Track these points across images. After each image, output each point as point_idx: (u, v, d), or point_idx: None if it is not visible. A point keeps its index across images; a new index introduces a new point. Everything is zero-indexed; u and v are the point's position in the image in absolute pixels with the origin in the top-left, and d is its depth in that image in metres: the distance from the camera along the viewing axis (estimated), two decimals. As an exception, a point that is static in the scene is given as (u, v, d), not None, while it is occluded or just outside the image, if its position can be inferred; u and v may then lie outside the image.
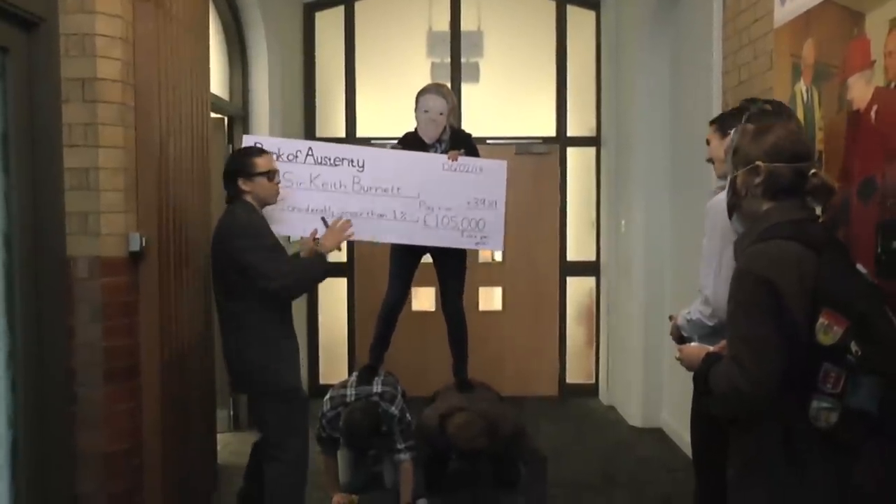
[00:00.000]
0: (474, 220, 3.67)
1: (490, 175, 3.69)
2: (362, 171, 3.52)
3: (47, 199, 2.69)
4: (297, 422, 3.10)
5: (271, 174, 3.08)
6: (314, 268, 3.16)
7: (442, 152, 3.75)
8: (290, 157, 3.41)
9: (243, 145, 3.35)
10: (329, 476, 3.91)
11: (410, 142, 3.80)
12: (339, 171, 3.49)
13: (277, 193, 3.16)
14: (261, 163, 3.06)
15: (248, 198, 3.04)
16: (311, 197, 3.44)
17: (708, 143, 2.78)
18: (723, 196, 2.63)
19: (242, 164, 3.04)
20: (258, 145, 3.31)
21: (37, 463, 2.67)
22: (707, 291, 2.64)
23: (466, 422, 3.49)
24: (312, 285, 3.13)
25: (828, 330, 1.80)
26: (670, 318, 2.95)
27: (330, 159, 3.49)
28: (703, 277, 2.66)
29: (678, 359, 2.17)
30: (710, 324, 2.65)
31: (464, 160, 3.66)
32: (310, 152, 3.45)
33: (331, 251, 3.25)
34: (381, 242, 3.78)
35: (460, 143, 3.77)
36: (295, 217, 3.42)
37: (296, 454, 3.10)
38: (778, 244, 1.87)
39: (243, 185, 3.01)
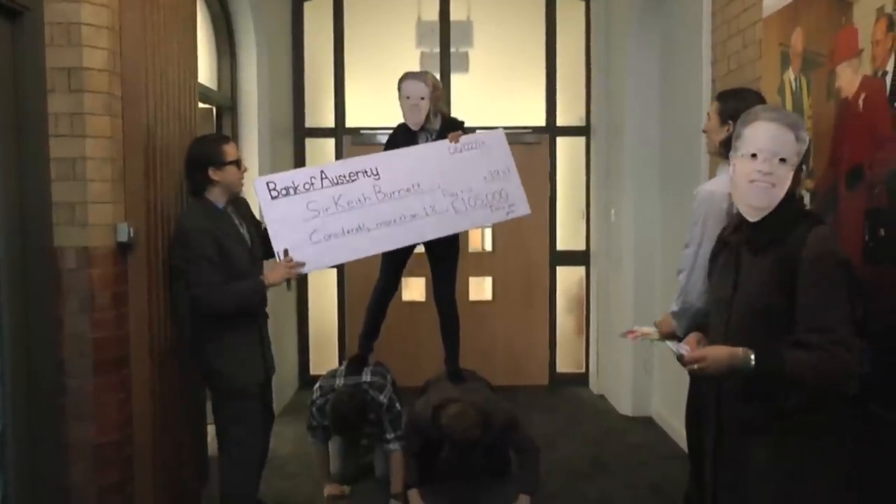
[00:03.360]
0: (496, 192, 3.68)
1: (493, 146, 3.72)
2: (379, 178, 3.47)
3: (33, 189, 2.67)
4: (244, 417, 3.09)
5: (239, 162, 3.09)
6: (248, 297, 3.03)
7: (433, 140, 3.75)
8: (307, 187, 3.32)
9: (256, 189, 3.24)
10: (320, 466, 3.91)
11: (399, 132, 3.81)
12: (358, 186, 3.42)
13: (242, 182, 3.14)
14: (230, 151, 3.06)
15: (216, 189, 3.03)
16: (342, 219, 3.35)
17: (708, 117, 2.75)
18: (711, 185, 2.65)
19: (213, 152, 3.02)
20: (271, 184, 3.25)
21: (26, 455, 2.67)
22: (682, 276, 2.67)
23: (460, 412, 3.49)
24: (235, 312, 3.02)
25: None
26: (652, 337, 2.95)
27: (345, 176, 3.41)
28: (683, 263, 2.68)
29: (698, 368, 1.97)
30: (676, 308, 2.68)
31: (464, 138, 3.67)
32: (323, 175, 3.37)
33: (274, 285, 3.14)
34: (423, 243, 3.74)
35: (453, 128, 3.76)
36: (336, 244, 3.32)
37: (242, 449, 3.09)
38: (828, 228, 1.92)
39: (214, 174, 3.00)
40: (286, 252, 3.19)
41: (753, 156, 1.96)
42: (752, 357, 1.88)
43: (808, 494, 1.91)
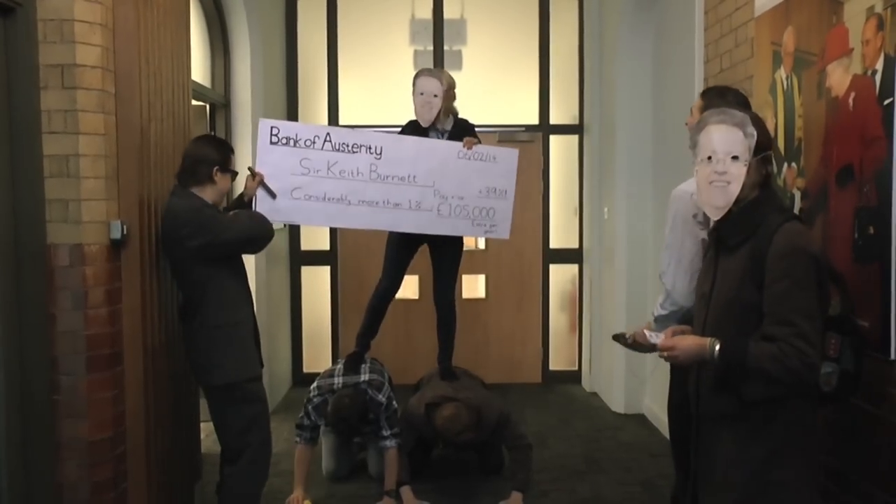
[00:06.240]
0: (485, 208, 3.70)
1: (502, 163, 3.72)
2: (380, 158, 3.49)
3: (26, 186, 2.67)
4: (254, 423, 3.06)
5: (235, 175, 3.12)
6: (250, 218, 3.08)
7: (444, 140, 3.74)
8: (308, 143, 3.36)
9: (260, 129, 3.33)
10: (299, 468, 3.74)
11: (410, 129, 3.80)
12: (356, 159, 3.45)
13: (229, 194, 3.19)
14: (233, 161, 3.09)
15: (209, 190, 2.99)
16: (328, 185, 3.40)
17: (692, 113, 2.75)
18: (686, 186, 2.67)
19: (224, 155, 3.03)
20: (274, 129, 3.31)
21: (19, 452, 2.66)
22: (666, 279, 2.68)
23: (454, 415, 3.50)
24: (265, 223, 3.11)
25: (831, 301, 1.98)
26: (623, 336, 2.98)
27: (348, 146, 3.43)
28: (665, 265, 2.70)
29: (669, 356, 2.08)
30: (665, 312, 2.69)
31: (479, 148, 3.67)
32: (328, 138, 3.40)
33: (250, 195, 3.24)
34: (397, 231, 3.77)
35: (465, 131, 3.76)
36: (312, 206, 3.38)
37: (253, 455, 3.07)
38: (799, 224, 1.99)
39: (216, 175, 2.99)
40: (251, 169, 3.28)
41: (709, 159, 2.06)
42: (718, 348, 1.96)
43: (777, 482, 1.97)
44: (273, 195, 3.28)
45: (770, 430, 1.97)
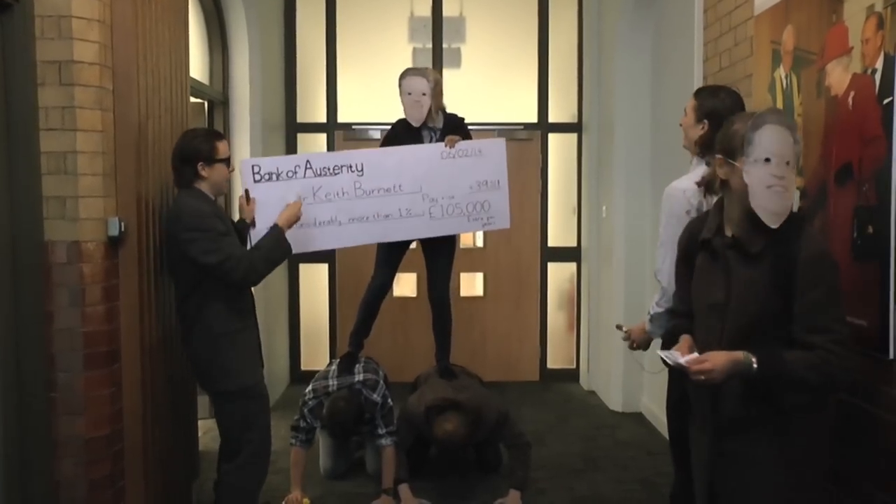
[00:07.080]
0: (479, 202, 3.70)
1: (489, 155, 3.71)
2: (362, 174, 3.53)
3: (24, 183, 2.66)
4: (254, 421, 3.04)
5: (228, 161, 3.07)
6: (273, 247, 3.03)
7: (437, 140, 3.74)
8: (290, 174, 3.43)
9: (241, 169, 3.36)
10: (295, 469, 3.73)
11: (402, 128, 3.78)
12: (339, 180, 3.50)
13: (228, 182, 3.15)
14: (222, 148, 3.01)
15: (203, 185, 2.96)
16: (317, 210, 3.46)
17: (685, 112, 2.71)
18: (679, 183, 2.66)
19: (205, 147, 2.95)
20: (255, 167, 3.36)
21: (16, 449, 2.66)
22: (661, 276, 2.67)
23: (454, 431, 3.47)
24: (272, 266, 3.03)
25: None
26: (619, 327, 2.97)
27: (329, 169, 3.50)
28: (660, 262, 2.69)
29: (707, 378, 1.92)
30: (661, 309, 2.69)
31: (461, 144, 3.67)
32: (308, 165, 3.46)
33: (288, 226, 3.14)
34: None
35: (455, 128, 3.75)
36: (306, 234, 3.42)
37: (252, 453, 3.04)
38: (815, 228, 2.01)
39: (202, 170, 2.94)
40: (247, 192, 3.30)
41: (767, 160, 1.95)
42: (754, 361, 1.89)
43: (804, 485, 1.97)
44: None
45: (798, 439, 1.95)
